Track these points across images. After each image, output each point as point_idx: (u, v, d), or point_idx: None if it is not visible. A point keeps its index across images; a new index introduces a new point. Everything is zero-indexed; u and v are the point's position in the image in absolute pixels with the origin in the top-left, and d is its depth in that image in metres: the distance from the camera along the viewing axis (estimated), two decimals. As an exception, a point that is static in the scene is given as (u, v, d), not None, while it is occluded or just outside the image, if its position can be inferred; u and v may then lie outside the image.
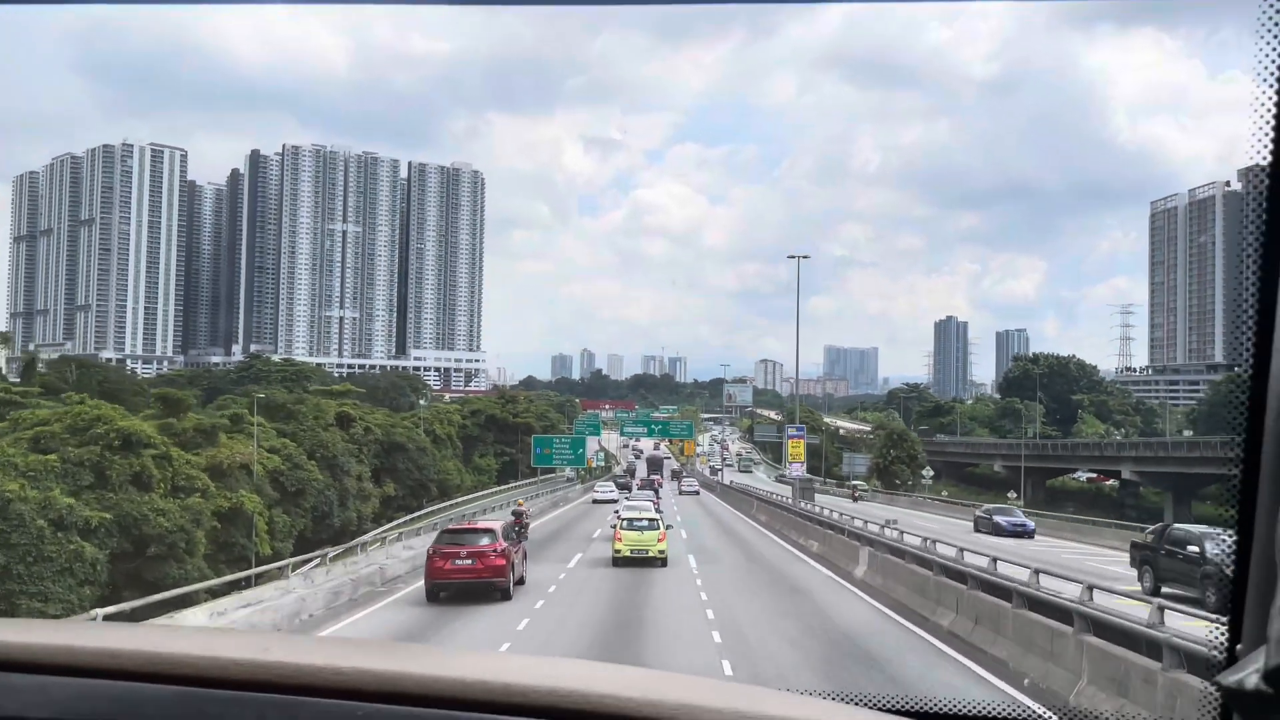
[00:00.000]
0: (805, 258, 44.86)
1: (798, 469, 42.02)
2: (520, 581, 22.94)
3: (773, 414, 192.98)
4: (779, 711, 1.19)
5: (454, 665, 1.31)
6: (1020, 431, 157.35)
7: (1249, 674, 1.17)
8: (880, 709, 1.49)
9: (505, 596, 21.10)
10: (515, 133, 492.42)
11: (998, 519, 40.16)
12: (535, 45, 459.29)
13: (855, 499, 62.76)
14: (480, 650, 1.46)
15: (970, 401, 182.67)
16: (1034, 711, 1.80)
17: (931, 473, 72.51)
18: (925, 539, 22.28)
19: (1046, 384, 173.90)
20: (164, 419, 49.63)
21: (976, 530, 40.54)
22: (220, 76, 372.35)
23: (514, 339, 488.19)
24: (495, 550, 21.08)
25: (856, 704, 1.52)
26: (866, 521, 28.43)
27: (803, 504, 39.74)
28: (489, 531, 22.08)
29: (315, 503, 56.52)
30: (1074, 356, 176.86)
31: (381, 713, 1.14)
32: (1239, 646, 1.45)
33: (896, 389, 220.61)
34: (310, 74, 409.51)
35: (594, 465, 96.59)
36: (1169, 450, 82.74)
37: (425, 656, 1.40)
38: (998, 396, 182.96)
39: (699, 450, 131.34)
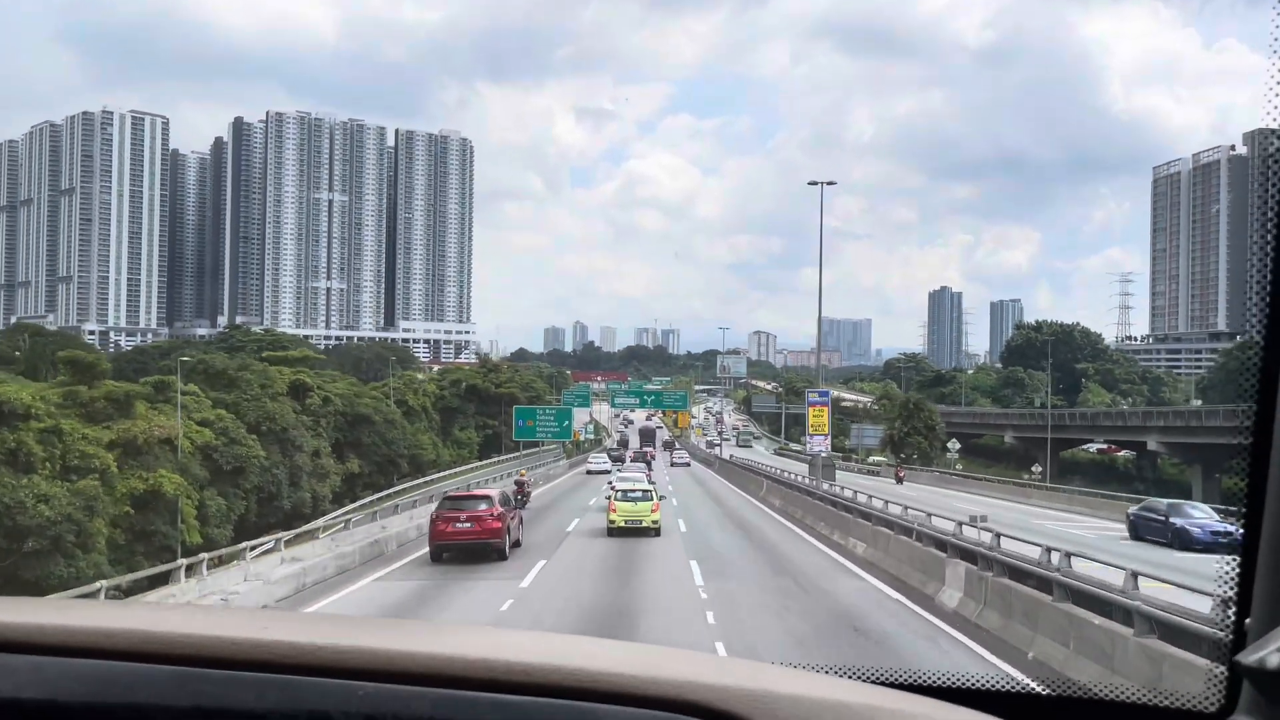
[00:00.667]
0: (831, 184, 36.82)
1: (821, 443, 33.58)
2: (517, 544, 24.42)
3: (768, 385, 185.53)
4: (780, 686, 1.17)
5: (456, 643, 1.26)
6: (1024, 401, 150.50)
7: (1270, 653, 1.12)
8: (880, 683, 1.45)
9: (501, 556, 22.53)
10: (506, 103, 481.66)
11: (1179, 522, 26.78)
12: (526, 12, 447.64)
13: (900, 480, 53.28)
14: (483, 627, 1.26)
15: (971, 371, 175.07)
16: (1028, 685, 1.63)
17: (958, 445, 64.34)
18: (1048, 549, 14.46)
19: (1050, 352, 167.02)
20: (73, 386, 41.74)
21: (1137, 537, 28.45)
22: (207, 46, 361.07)
23: (507, 312, 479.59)
24: (492, 515, 22.82)
25: (857, 678, 1.48)
26: (930, 513, 20.68)
27: (826, 486, 32.21)
28: (486, 498, 23.90)
29: (260, 482, 48.74)
30: (1078, 324, 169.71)
31: (384, 692, 1.10)
32: (1248, 622, 1.39)
33: (894, 359, 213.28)
34: (298, 43, 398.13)
35: (581, 438, 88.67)
36: (1202, 420, 75.09)
37: (427, 634, 1.35)
38: (999, 365, 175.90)
39: (693, 422, 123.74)
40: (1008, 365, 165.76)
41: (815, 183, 34.85)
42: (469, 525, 22.35)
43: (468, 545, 22.24)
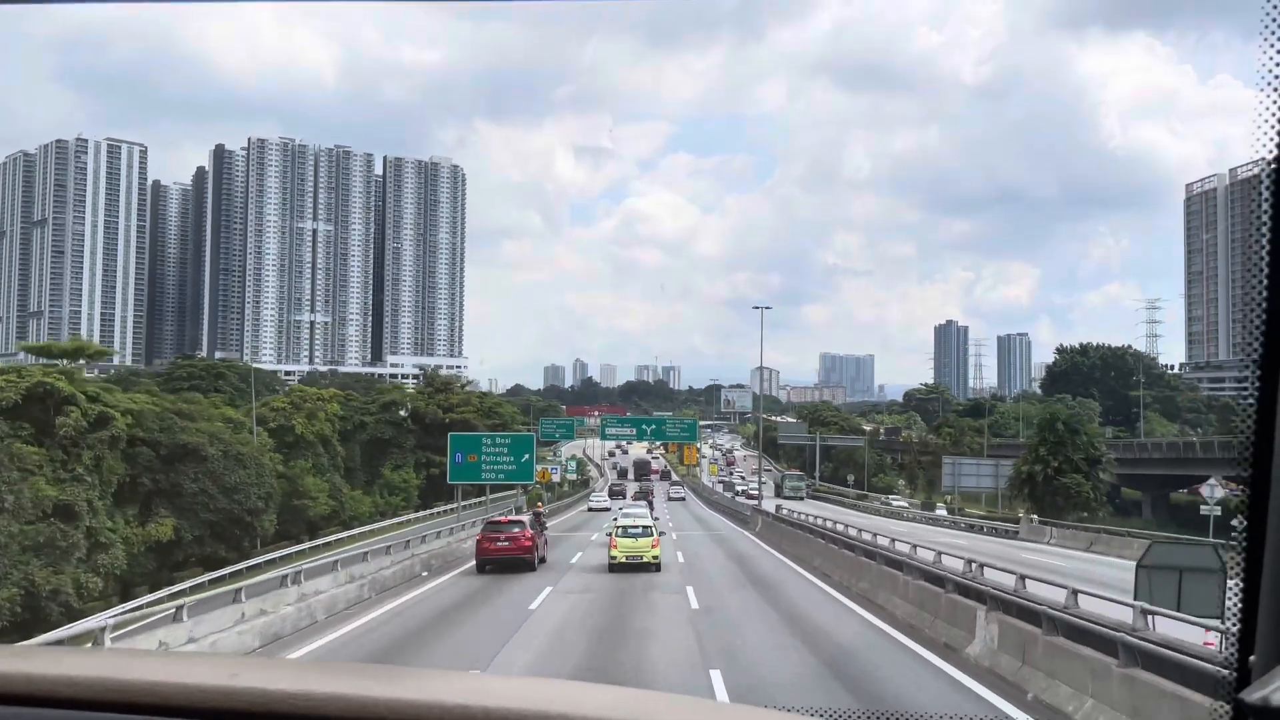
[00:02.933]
0: None
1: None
2: (543, 560, 28.60)
3: (785, 418, 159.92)
4: None
5: (432, 689, 1.16)
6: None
7: (1274, 691, 1.05)
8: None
9: (531, 568, 26.45)
10: (505, 142, 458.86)
11: None
12: (525, 52, 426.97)
13: None
14: (466, 672, 1.21)
15: (1012, 400, 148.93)
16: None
17: (1219, 491, 37.00)
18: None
19: (1098, 378, 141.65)
20: None
21: None
22: (205, 87, 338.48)
23: (506, 350, 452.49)
24: (524, 536, 27.15)
25: None
26: None
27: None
28: (519, 523, 28.42)
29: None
30: (1129, 346, 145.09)
31: None
32: (1251, 659, 1.30)
33: (914, 390, 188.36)
34: (297, 84, 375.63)
35: (554, 479, 62.16)
36: None
37: (403, 680, 1.23)
38: (1037, 393, 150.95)
39: (703, 460, 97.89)
40: (1049, 392, 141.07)
41: None
42: (507, 544, 26.69)
43: (506, 559, 26.43)
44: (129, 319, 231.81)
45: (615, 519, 31.39)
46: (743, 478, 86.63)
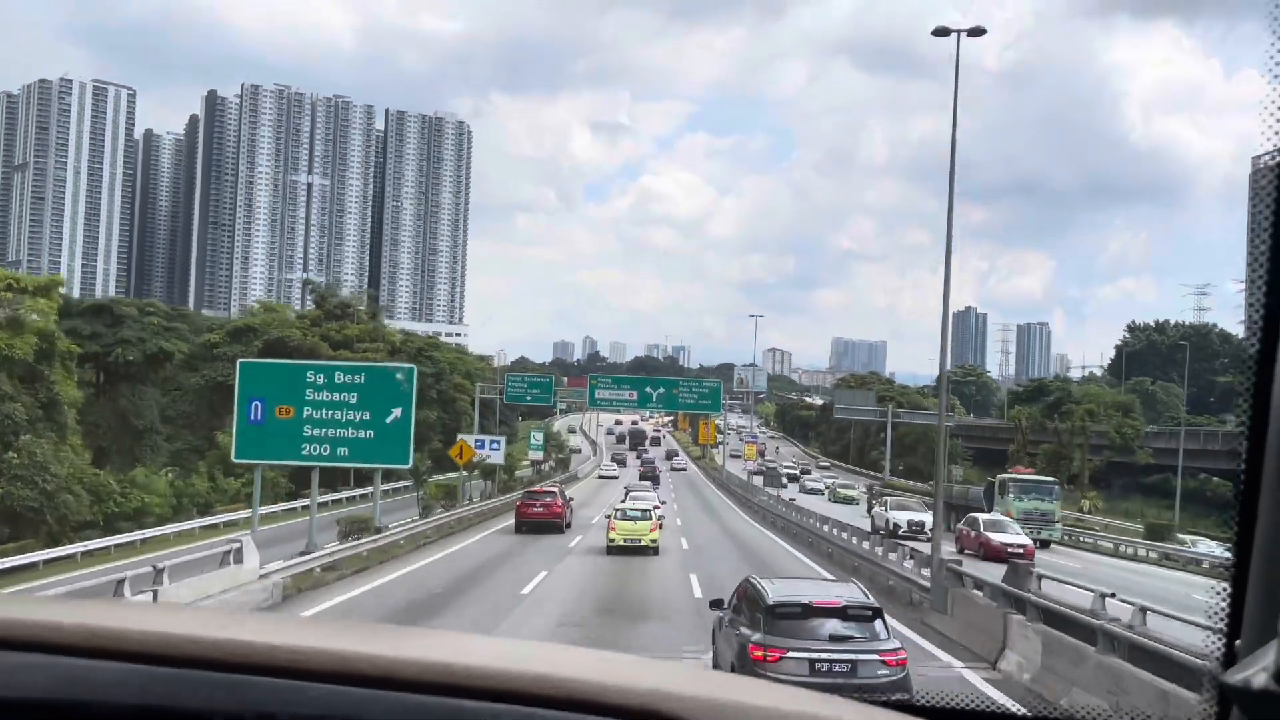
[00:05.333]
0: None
1: None
2: (569, 525, 31.61)
3: (810, 397, 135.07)
4: (751, 698, 1.02)
5: (414, 646, 1.12)
6: (1168, 420, 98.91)
7: (1255, 672, 1.02)
8: (870, 700, 1.30)
9: (560, 530, 30.11)
10: (521, 115, 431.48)
11: None
12: (544, 25, 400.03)
13: None
14: (452, 632, 1.16)
15: (1081, 381, 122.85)
16: (1015, 708, 1.55)
17: None
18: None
19: (1178, 360, 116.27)
20: None
21: None
22: (220, 52, 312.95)
23: (516, 325, 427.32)
24: (556, 503, 31.02)
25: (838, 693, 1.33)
26: None
27: None
28: (551, 492, 32.29)
29: None
30: (1215, 325, 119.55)
31: (336, 694, 0.98)
32: (1238, 643, 1.27)
33: (949, 372, 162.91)
34: (315, 51, 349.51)
35: (481, 456, 35.34)
36: None
37: (387, 637, 1.21)
38: (1104, 375, 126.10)
39: (723, 440, 72.53)
40: (1121, 375, 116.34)
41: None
42: (541, 510, 30.49)
43: (540, 521, 30.04)
44: (112, 272, 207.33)
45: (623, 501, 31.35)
46: (791, 469, 61.22)
